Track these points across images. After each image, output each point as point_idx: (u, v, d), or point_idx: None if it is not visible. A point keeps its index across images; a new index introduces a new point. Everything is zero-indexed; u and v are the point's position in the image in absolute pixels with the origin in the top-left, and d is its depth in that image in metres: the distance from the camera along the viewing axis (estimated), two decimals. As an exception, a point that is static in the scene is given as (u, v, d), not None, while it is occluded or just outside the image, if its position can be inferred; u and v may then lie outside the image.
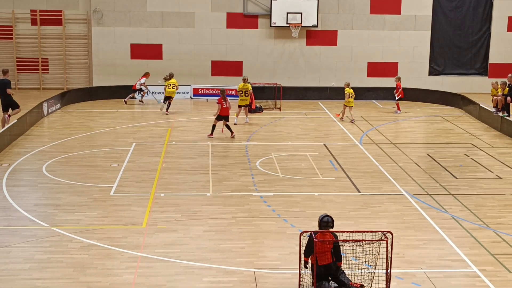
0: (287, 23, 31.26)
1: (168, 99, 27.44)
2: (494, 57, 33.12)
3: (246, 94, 25.80)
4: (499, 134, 24.20)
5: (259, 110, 28.08)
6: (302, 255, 11.19)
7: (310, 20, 31.40)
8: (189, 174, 18.51)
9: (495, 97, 26.49)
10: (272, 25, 31.49)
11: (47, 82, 32.23)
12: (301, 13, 31.18)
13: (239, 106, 25.89)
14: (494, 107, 26.45)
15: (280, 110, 28.31)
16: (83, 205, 15.71)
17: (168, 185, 17.45)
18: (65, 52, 31.92)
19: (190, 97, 31.18)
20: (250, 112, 26.89)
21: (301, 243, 11.07)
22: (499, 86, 26.46)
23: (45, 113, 26.19)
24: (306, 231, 11.04)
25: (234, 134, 23.22)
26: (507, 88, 26.09)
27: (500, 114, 25.40)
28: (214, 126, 23.13)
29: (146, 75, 29.41)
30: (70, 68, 32.11)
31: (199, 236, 13.87)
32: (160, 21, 31.59)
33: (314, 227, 13.93)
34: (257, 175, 18.52)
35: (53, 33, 31.82)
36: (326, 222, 11.23)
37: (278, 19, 31.33)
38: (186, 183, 17.72)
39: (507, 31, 32.91)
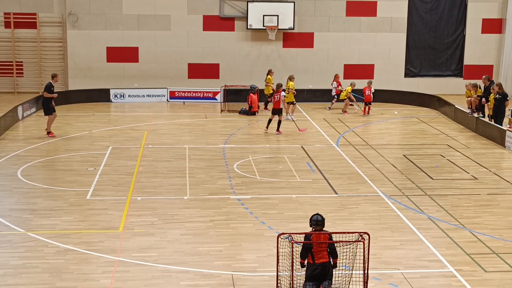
0: (263, 26, 31.30)
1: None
2: (469, 59, 33.44)
3: (288, 92, 26.88)
4: (474, 135, 24.41)
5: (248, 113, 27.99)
6: (298, 257, 11.18)
7: (286, 23, 31.48)
8: (166, 178, 18.43)
9: (470, 99, 26.75)
10: (248, 27, 31.51)
11: (22, 85, 31.95)
12: (278, 15, 31.24)
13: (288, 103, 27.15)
14: (469, 108, 26.70)
15: (258, 112, 28.30)
16: (59, 210, 15.56)
17: (145, 189, 17.36)
18: (40, 55, 31.66)
19: (167, 100, 31.08)
20: (248, 114, 27.95)
21: (279, 245, 11.06)
22: (471, 88, 26.71)
23: (20, 117, 25.94)
24: (283, 233, 11.03)
25: (267, 131, 24.30)
26: (480, 90, 26.37)
27: (475, 115, 25.64)
28: (269, 120, 24.25)
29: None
30: (45, 72, 31.82)
31: (176, 240, 13.81)
32: (136, 24, 31.45)
33: (292, 229, 13.97)
34: (234, 177, 18.49)
35: (28, 36, 31.54)
36: (315, 220, 11.27)
37: (254, 21, 31.35)
38: (163, 186, 17.64)
39: (481, 33, 33.24)
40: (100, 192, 17.00)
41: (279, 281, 11.18)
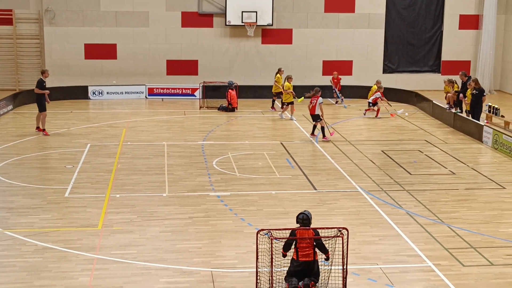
0: (242, 22, 31.26)
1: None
2: (447, 55, 33.66)
3: (287, 93, 26.40)
4: (452, 130, 24.58)
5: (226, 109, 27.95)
6: (278, 253, 11.25)
7: (265, 19, 31.47)
8: (145, 175, 18.37)
9: (448, 94, 26.93)
10: (227, 24, 31.46)
11: (-2, 83, 31.65)
12: (256, 12, 31.21)
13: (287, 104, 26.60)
14: (447, 103, 26.88)
15: (237, 108, 28.28)
16: (37, 208, 15.45)
17: (124, 186, 17.28)
18: (16, 52, 31.35)
19: (145, 96, 30.95)
20: (227, 110, 27.83)
21: (258, 241, 11.07)
22: (449, 84, 26.89)
23: (-3, 114, 25.71)
24: (263, 230, 11.04)
25: (313, 135, 23.33)
26: (456, 85, 26.56)
27: (453, 110, 25.82)
28: (314, 126, 23.31)
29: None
30: (22, 69, 31.55)
31: (155, 237, 13.77)
32: (114, 20, 31.27)
33: (271, 225, 13.98)
34: (213, 174, 18.47)
35: (3, 33, 31.22)
36: (301, 219, 11.37)
37: (233, 18, 31.31)
38: (141, 183, 17.58)
39: (459, 29, 33.46)
40: (79, 190, 16.90)
41: (258, 278, 11.20)
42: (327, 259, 11.29)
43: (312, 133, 23.32)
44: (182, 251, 13.03)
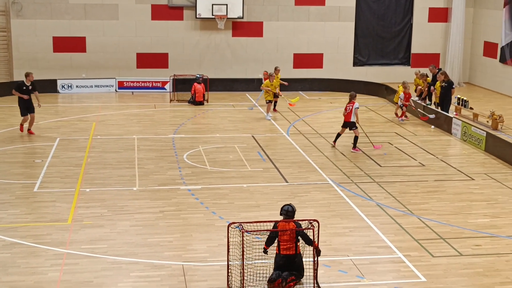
0: (212, 15, 31.14)
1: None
2: (416, 47, 33.90)
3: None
4: (421, 123, 24.77)
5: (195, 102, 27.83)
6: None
7: (235, 12, 31.38)
8: (115, 169, 18.23)
9: (419, 87, 27.13)
10: (197, 16, 31.31)
11: (-35, 77, 31.14)
12: (227, 4, 31.11)
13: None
14: (417, 96, 27.07)
15: (207, 101, 28.19)
16: (5, 203, 15.25)
17: (94, 180, 17.14)
18: (-17, 45, 30.90)
19: (115, 90, 30.69)
20: (194, 104, 27.64)
21: (229, 234, 11.06)
22: (420, 77, 27.07)
23: (-36, 108, 25.29)
24: (234, 223, 11.03)
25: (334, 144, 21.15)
26: (428, 79, 26.76)
27: (423, 103, 25.99)
28: (338, 134, 21.14)
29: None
30: (-11, 62, 31.11)
31: (126, 231, 13.69)
32: (83, 13, 30.94)
33: (243, 218, 13.98)
34: (184, 168, 18.41)
35: (-30, 26, 30.75)
36: (285, 210, 11.41)
37: (203, 10, 31.17)
38: (112, 177, 17.45)
39: (428, 21, 33.71)
40: (48, 184, 16.73)
41: (230, 271, 11.19)
42: (317, 252, 11.16)
43: (334, 141, 21.09)
44: (153, 245, 12.97)
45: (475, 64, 33.90)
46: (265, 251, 11.41)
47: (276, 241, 11.31)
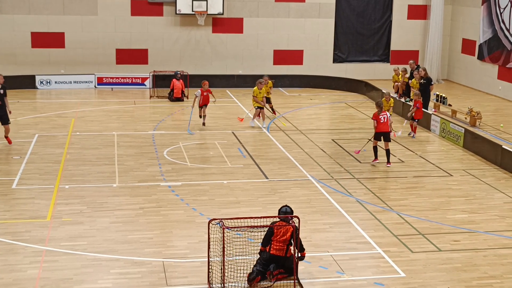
0: (192, 11, 31.05)
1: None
2: (396, 44, 34.06)
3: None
4: (401, 119, 24.89)
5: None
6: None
7: (215, 8, 31.31)
8: (94, 165, 18.14)
9: (397, 83, 27.28)
10: (177, 12, 31.20)
11: None
12: (207, 0, 31.03)
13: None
14: (395, 92, 27.23)
15: (187, 98, 28.13)
16: (-17, 200, 15.14)
17: (73, 177, 17.05)
18: (-40, 40, 30.56)
19: (95, 86, 30.52)
20: (172, 100, 27.66)
21: (210, 231, 11.06)
22: (400, 72, 27.23)
23: None
24: (214, 219, 11.03)
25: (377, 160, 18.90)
26: (409, 74, 26.91)
27: (403, 100, 26.15)
28: (375, 148, 18.85)
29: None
30: (-34, 58, 30.76)
31: (106, 228, 13.63)
32: (62, 8, 30.71)
33: (223, 214, 13.99)
34: (164, 164, 18.36)
35: None
36: (284, 212, 11.40)
37: (183, 6, 31.07)
38: (91, 174, 17.36)
39: (407, 19, 33.88)
40: (27, 181, 16.60)
41: (210, 267, 11.19)
42: (300, 258, 11.32)
43: (388, 162, 18.69)
44: (133, 242, 12.93)
45: (454, 61, 34.14)
46: (261, 253, 11.38)
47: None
